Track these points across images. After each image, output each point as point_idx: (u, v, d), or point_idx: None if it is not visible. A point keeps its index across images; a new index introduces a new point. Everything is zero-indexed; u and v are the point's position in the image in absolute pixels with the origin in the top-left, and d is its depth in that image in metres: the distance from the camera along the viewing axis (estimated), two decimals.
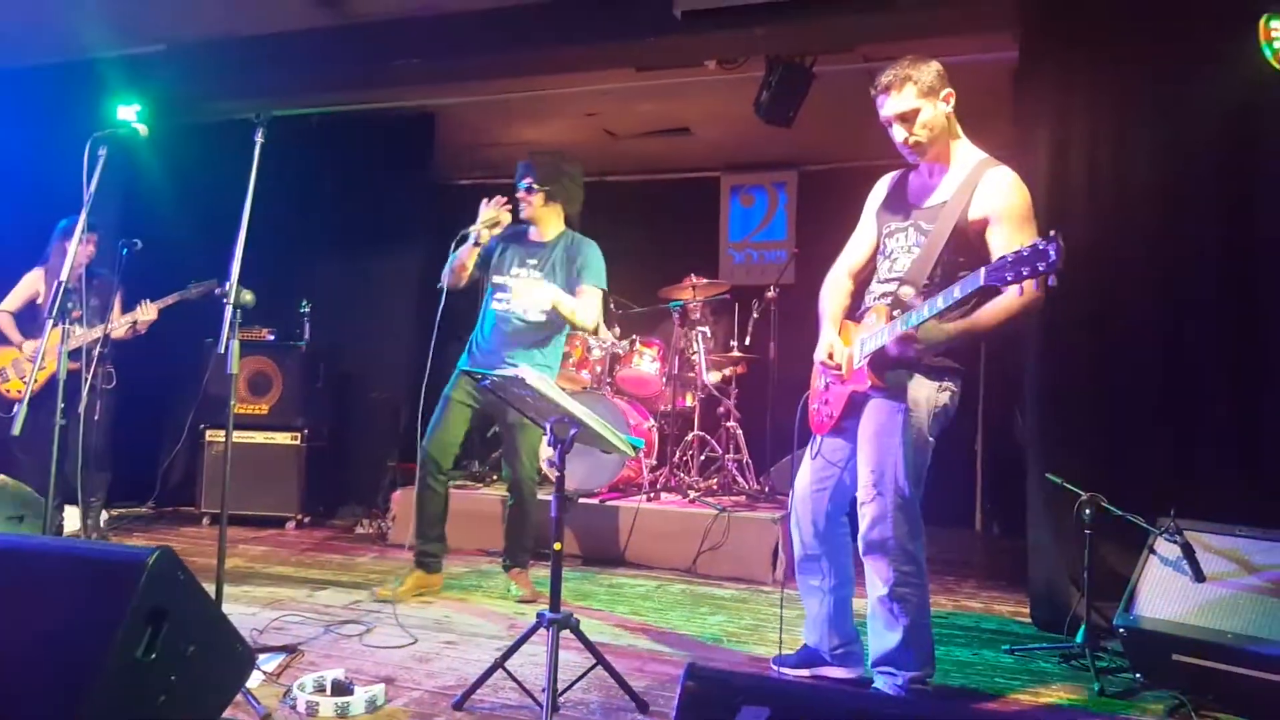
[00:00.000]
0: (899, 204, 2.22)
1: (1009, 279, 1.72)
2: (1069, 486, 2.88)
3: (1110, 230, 3.23)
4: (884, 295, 2.15)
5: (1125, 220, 3.24)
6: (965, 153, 2.15)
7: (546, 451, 3.47)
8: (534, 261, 3.21)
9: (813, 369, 2.30)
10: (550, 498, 2.21)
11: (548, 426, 2.07)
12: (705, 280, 4.79)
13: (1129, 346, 3.22)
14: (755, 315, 4.70)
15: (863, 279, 2.32)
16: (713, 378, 4.72)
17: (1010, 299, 1.93)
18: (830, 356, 2.18)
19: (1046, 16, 3.42)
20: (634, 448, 2.22)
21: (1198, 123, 3.15)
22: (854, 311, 2.30)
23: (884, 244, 2.23)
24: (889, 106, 2.11)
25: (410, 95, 4.83)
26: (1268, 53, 2.84)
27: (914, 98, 2.08)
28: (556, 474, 2.10)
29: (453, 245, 3.02)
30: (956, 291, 1.87)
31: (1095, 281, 3.17)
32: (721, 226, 6.23)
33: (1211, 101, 3.10)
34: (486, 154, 5.90)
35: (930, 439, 2.09)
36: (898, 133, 2.11)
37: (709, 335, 4.64)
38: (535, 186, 3.17)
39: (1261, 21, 2.89)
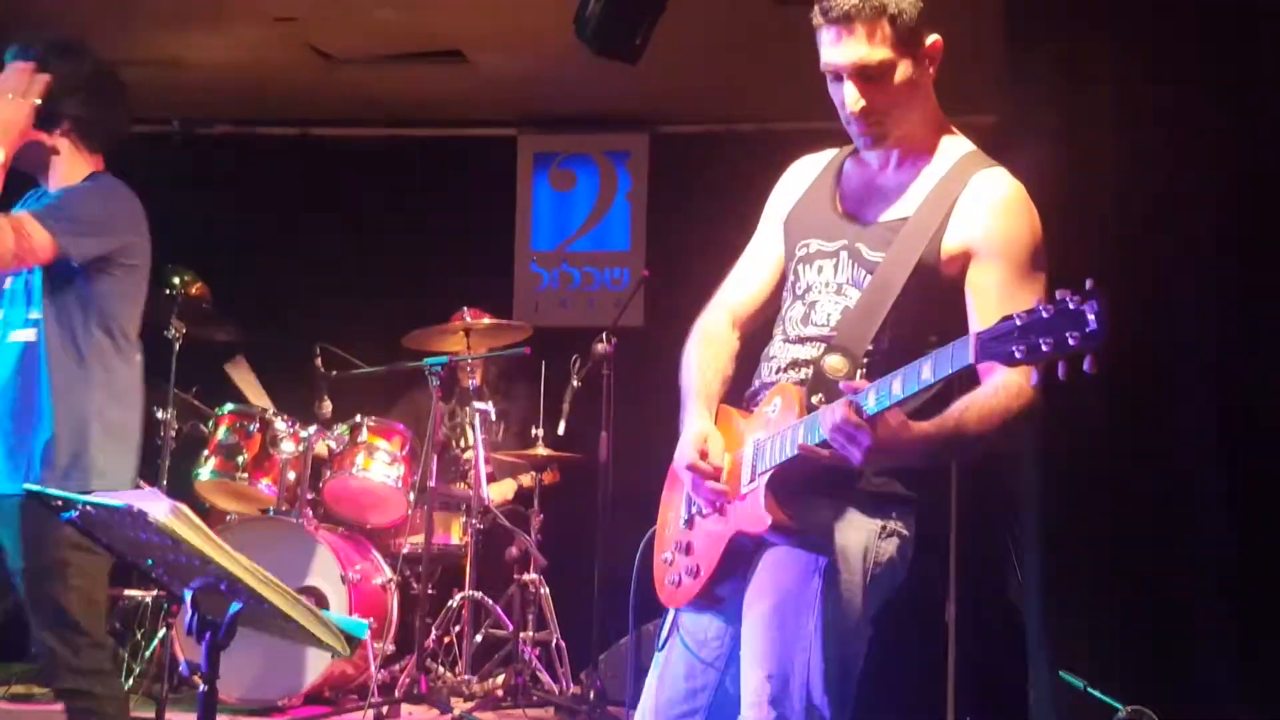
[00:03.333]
0: (828, 211, 2.21)
1: (1018, 356, 1.66)
2: (1097, 694, 2.98)
3: (1165, 270, 3.44)
4: (795, 365, 2.13)
5: (1190, 251, 3.43)
6: (945, 140, 2.19)
7: (184, 639, 3.61)
8: None
9: (667, 484, 2.27)
10: None
11: (187, 598, 2.00)
12: (489, 320, 4.71)
13: (1187, 470, 3.38)
14: (576, 382, 4.55)
15: (755, 328, 2.33)
16: (500, 493, 4.79)
17: (1003, 393, 1.94)
18: (702, 456, 2.10)
19: None
20: (351, 637, 2.11)
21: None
22: (741, 389, 2.31)
23: (797, 275, 2.21)
24: (845, 50, 2.06)
25: None
26: None
27: (887, 44, 2.05)
28: (202, 685, 2.00)
29: None
30: (927, 371, 1.81)
31: (1133, 359, 3.26)
32: (519, 225, 6.08)
33: None
34: None
35: (866, 619, 2.05)
36: (849, 94, 2.08)
37: (495, 418, 4.62)
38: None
39: None
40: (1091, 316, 1.62)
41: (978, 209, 2.07)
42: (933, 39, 2.10)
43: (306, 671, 3.94)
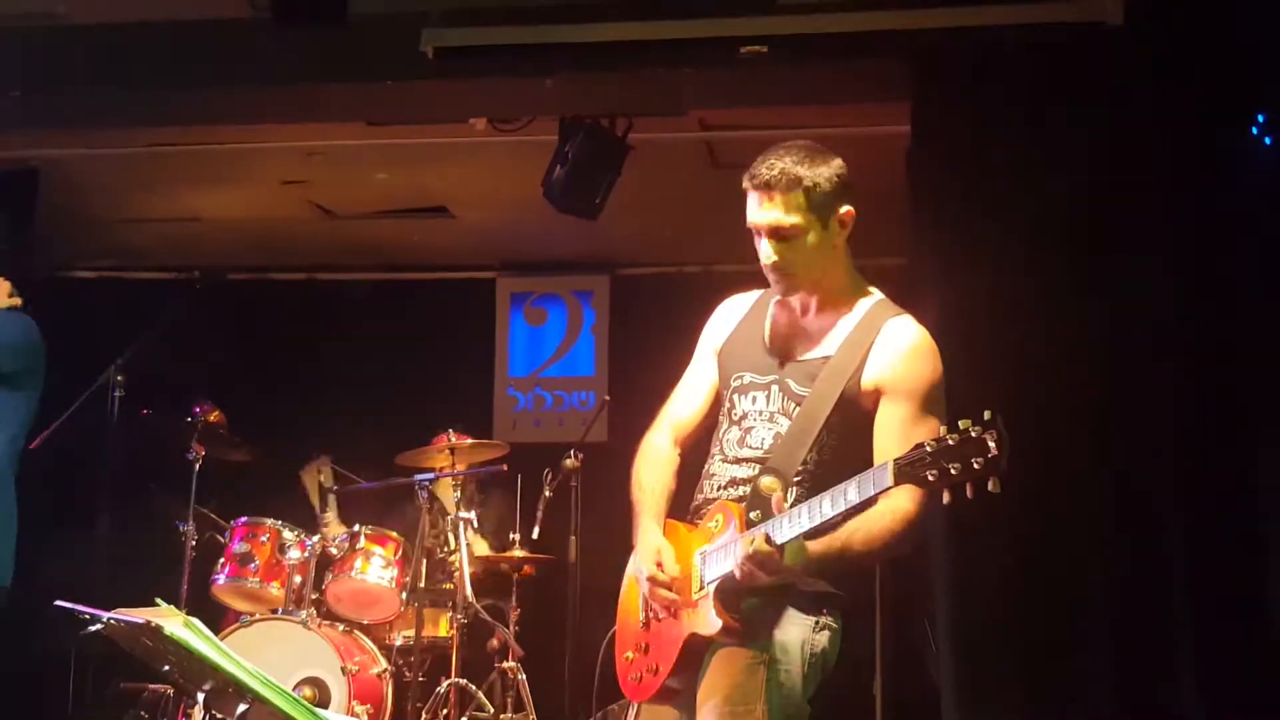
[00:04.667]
0: (758, 349, 2.26)
1: (931, 479, 1.74)
2: None
3: (1038, 377, 3.42)
4: (733, 483, 2.18)
5: (1060, 365, 3.44)
6: (856, 289, 2.24)
7: None
8: None
9: (624, 588, 2.30)
10: None
11: (199, 696, 2.11)
12: (471, 439, 4.77)
13: (1077, 547, 3.39)
14: (548, 492, 4.63)
15: (693, 443, 2.37)
16: (481, 549, 4.81)
17: (888, 517, 2.00)
18: (659, 568, 2.14)
19: (944, 80, 3.65)
20: None
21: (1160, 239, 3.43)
22: (681, 498, 2.33)
23: (733, 403, 2.25)
24: (763, 213, 2.12)
25: (3, 140, 4.64)
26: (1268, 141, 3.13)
27: (800, 211, 2.11)
28: None
29: None
30: (853, 493, 1.90)
31: (1025, 456, 3.30)
32: (498, 355, 6.20)
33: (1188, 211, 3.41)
34: (123, 233, 5.74)
35: (806, 703, 2.10)
36: (764, 250, 2.16)
37: (477, 525, 4.68)
38: None
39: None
40: (992, 444, 1.69)
41: (888, 353, 2.12)
42: (845, 209, 2.15)
43: None
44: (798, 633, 2.11)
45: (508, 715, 4.37)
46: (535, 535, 4.65)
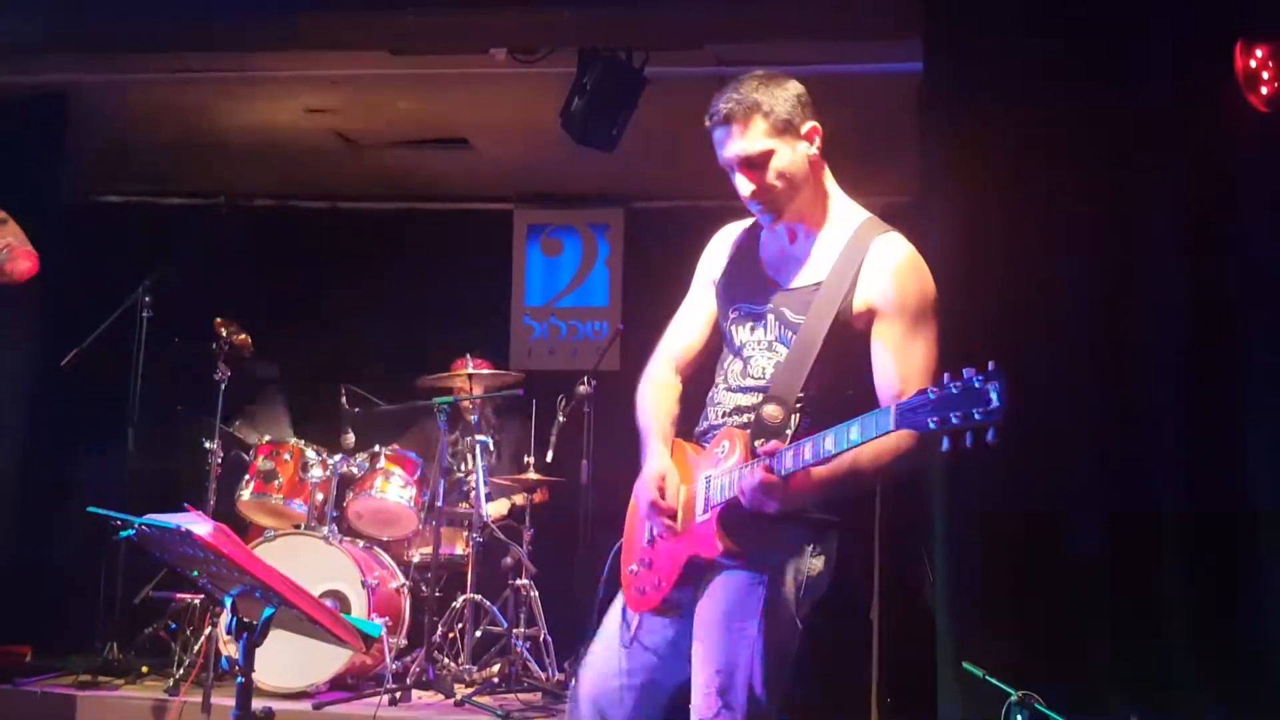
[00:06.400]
0: (752, 279, 2.26)
1: (932, 426, 1.73)
2: (993, 681, 3.02)
3: (1046, 311, 3.46)
4: (738, 411, 2.18)
5: (1067, 299, 3.46)
6: (841, 210, 2.22)
7: (226, 637, 3.50)
8: None
9: (631, 507, 2.29)
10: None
11: (227, 603, 2.09)
12: (489, 366, 4.86)
13: (1070, 481, 3.44)
14: (561, 418, 4.72)
15: (693, 372, 2.37)
16: (497, 511, 4.85)
17: (895, 435, 1.93)
18: (662, 494, 2.15)
19: (957, 11, 3.64)
20: (368, 636, 2.24)
21: (1157, 172, 3.42)
22: (685, 423, 2.33)
23: (733, 333, 2.26)
24: (729, 146, 2.13)
25: (31, 66, 4.67)
26: (1249, 86, 3.08)
27: (763, 135, 2.11)
28: (240, 678, 2.06)
29: None
30: (855, 433, 1.87)
31: (1026, 382, 3.22)
32: (515, 285, 6.25)
33: (1178, 145, 3.38)
34: (150, 159, 5.71)
35: (799, 624, 2.13)
36: (741, 183, 2.14)
37: (492, 448, 4.71)
38: None
39: (1237, 47, 3.12)
40: (994, 395, 1.66)
41: (878, 273, 2.10)
42: (809, 125, 2.13)
43: (332, 662, 3.96)
44: (795, 558, 2.14)
45: (520, 629, 4.47)
46: (549, 459, 4.72)
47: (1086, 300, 3.51)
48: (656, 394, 2.33)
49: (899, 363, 2.01)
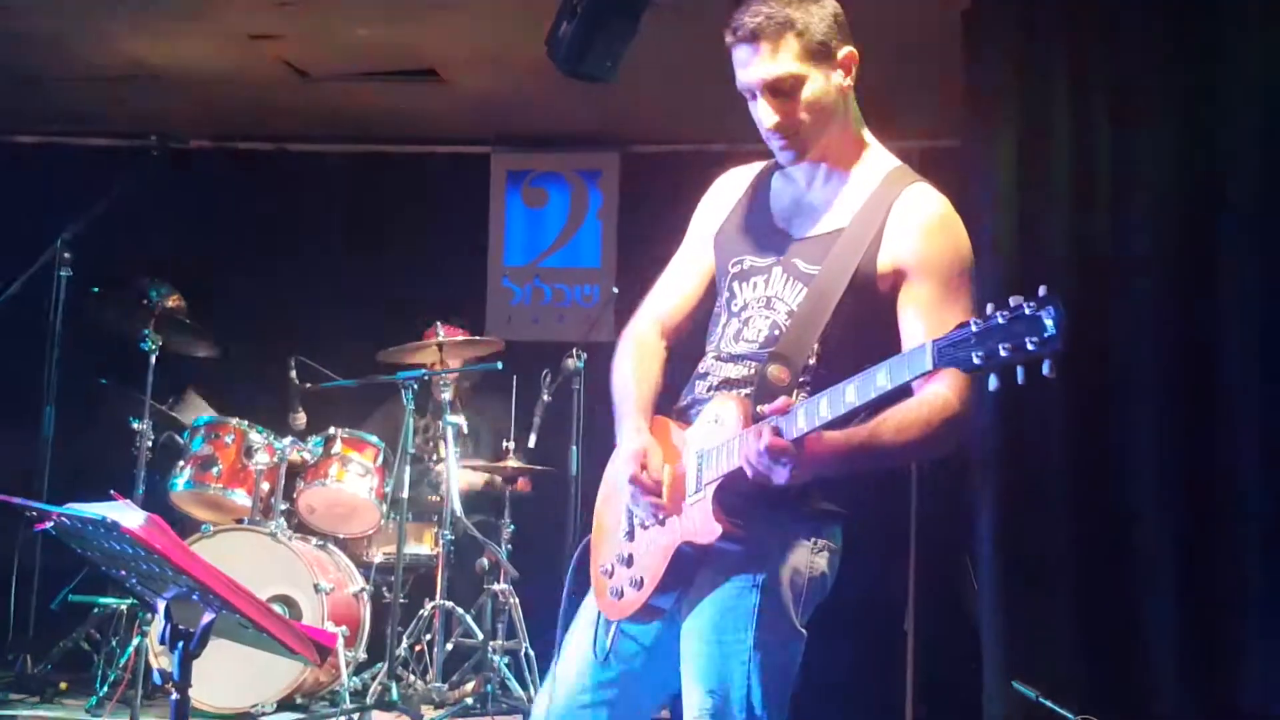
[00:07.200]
0: (759, 230, 2.21)
1: (977, 361, 1.66)
2: (1048, 704, 3.06)
3: (1111, 270, 3.55)
4: (728, 384, 2.13)
5: (1138, 255, 3.53)
6: (871, 152, 2.19)
7: (159, 648, 3.61)
8: None
9: (601, 495, 2.26)
10: None
11: (159, 606, 2.07)
12: (462, 335, 4.80)
13: (1141, 467, 3.46)
14: (546, 397, 4.64)
15: (681, 337, 2.34)
16: (469, 483, 4.83)
17: (925, 407, 1.95)
18: (643, 470, 2.09)
19: None
20: (322, 648, 2.15)
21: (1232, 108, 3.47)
22: (667, 398, 2.28)
23: (731, 291, 2.20)
24: (755, 67, 2.06)
25: None
26: None
27: (795, 59, 2.04)
28: (174, 695, 2.03)
29: None
30: (883, 378, 1.81)
31: (1091, 351, 3.41)
32: (492, 241, 6.14)
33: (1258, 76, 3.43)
34: (70, 94, 5.57)
35: (801, 629, 2.09)
36: (764, 112, 2.08)
37: (466, 430, 4.68)
38: None
39: None
40: (1049, 321, 1.62)
41: (907, 228, 2.08)
42: (845, 51, 2.10)
43: (280, 678, 3.94)
44: (795, 553, 2.08)
45: (498, 642, 4.43)
46: (532, 444, 4.67)
47: (1160, 259, 3.51)
48: (639, 361, 2.27)
49: (930, 330, 1.92)
